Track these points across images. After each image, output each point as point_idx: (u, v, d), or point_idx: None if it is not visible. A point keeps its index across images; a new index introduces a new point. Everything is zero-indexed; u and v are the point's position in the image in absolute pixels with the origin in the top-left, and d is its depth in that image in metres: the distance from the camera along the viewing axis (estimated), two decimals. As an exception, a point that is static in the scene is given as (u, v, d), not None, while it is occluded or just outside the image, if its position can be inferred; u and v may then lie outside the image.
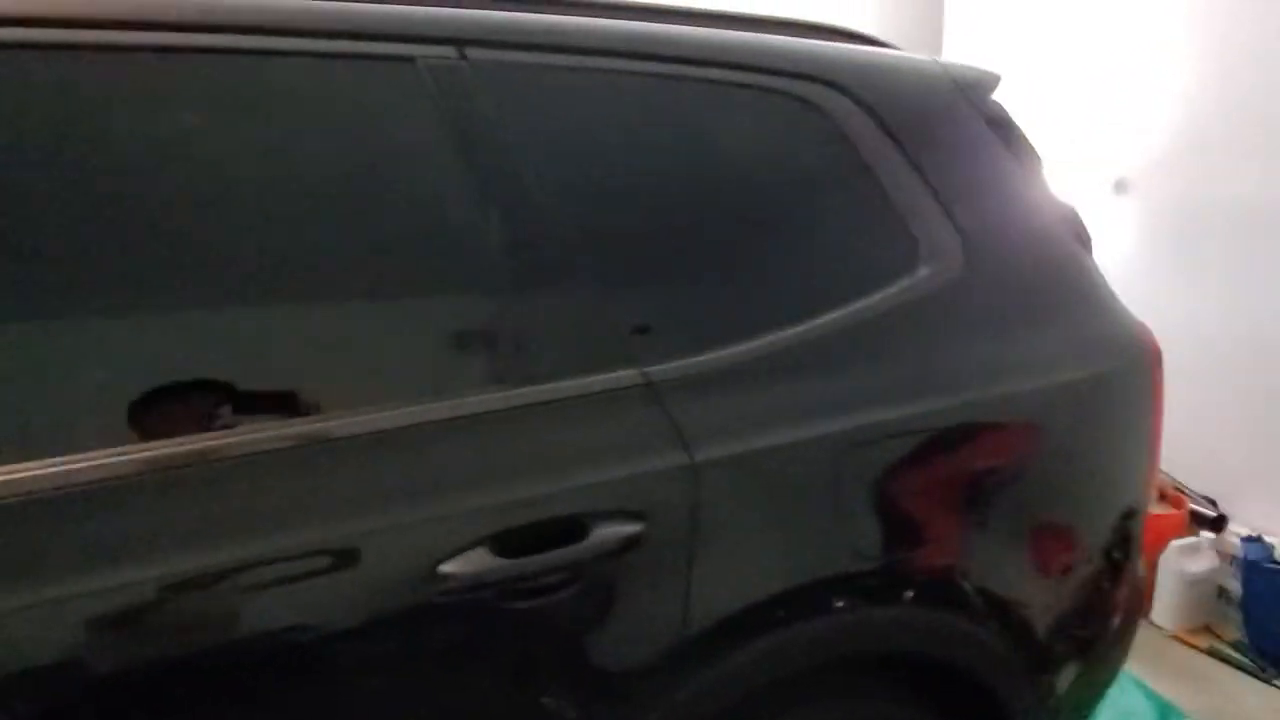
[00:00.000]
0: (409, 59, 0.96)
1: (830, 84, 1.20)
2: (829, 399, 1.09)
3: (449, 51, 0.98)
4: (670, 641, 0.97)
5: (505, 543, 0.89)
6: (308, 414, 0.85)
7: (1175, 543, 2.74)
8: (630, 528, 0.95)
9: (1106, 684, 1.47)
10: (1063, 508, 1.33)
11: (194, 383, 0.83)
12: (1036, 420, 1.27)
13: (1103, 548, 1.38)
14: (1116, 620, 1.42)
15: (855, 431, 1.09)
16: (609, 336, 1.00)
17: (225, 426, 0.82)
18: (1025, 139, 1.39)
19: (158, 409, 0.80)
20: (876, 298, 1.17)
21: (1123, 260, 3.16)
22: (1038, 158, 1.40)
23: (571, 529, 0.92)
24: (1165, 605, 2.73)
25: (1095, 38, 3.23)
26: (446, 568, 0.86)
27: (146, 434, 0.79)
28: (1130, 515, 1.40)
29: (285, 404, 0.85)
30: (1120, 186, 3.20)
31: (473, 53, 0.99)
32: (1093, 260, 1.46)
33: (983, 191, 1.31)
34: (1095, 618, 1.40)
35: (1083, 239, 1.45)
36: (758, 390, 1.06)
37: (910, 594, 1.15)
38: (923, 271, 1.21)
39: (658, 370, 1.01)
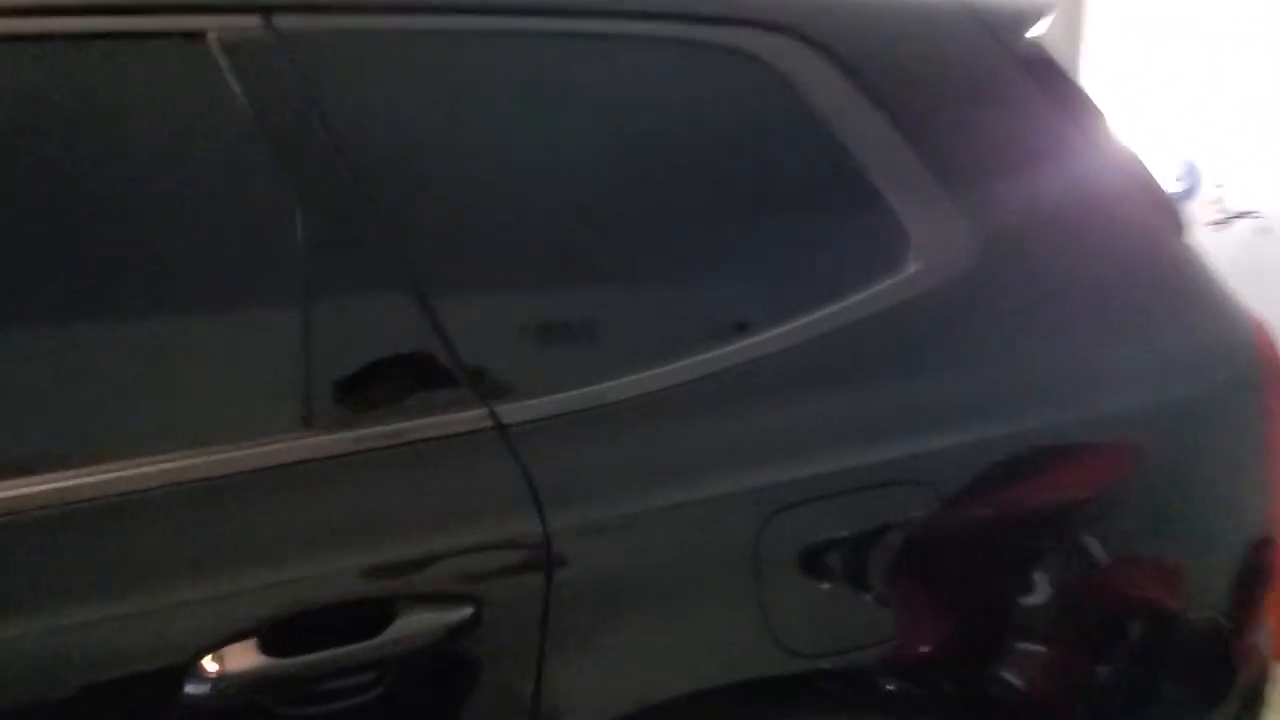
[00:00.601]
0: (197, 34, 0.79)
1: (779, 29, 0.92)
2: (755, 444, 0.84)
3: (251, 21, 0.80)
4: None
5: (284, 634, 0.71)
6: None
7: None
8: (454, 614, 0.74)
9: None
10: (1124, 573, 1.00)
11: None
12: (1079, 463, 0.96)
13: (1214, 604, 1.04)
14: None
15: (787, 486, 0.83)
16: (450, 365, 0.80)
17: None
18: (1078, 87, 1.06)
19: None
20: (838, 307, 0.90)
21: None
22: (1098, 112, 1.06)
23: (377, 616, 0.73)
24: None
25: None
26: (201, 667, 0.69)
27: None
28: (1248, 561, 1.05)
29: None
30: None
31: (283, 21, 0.81)
32: (1186, 247, 1.10)
33: (1009, 162, 1.00)
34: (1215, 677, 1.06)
35: (1170, 218, 1.09)
36: (656, 435, 0.82)
37: (873, 701, 0.88)
38: (913, 269, 0.93)
39: (514, 408, 0.79)
